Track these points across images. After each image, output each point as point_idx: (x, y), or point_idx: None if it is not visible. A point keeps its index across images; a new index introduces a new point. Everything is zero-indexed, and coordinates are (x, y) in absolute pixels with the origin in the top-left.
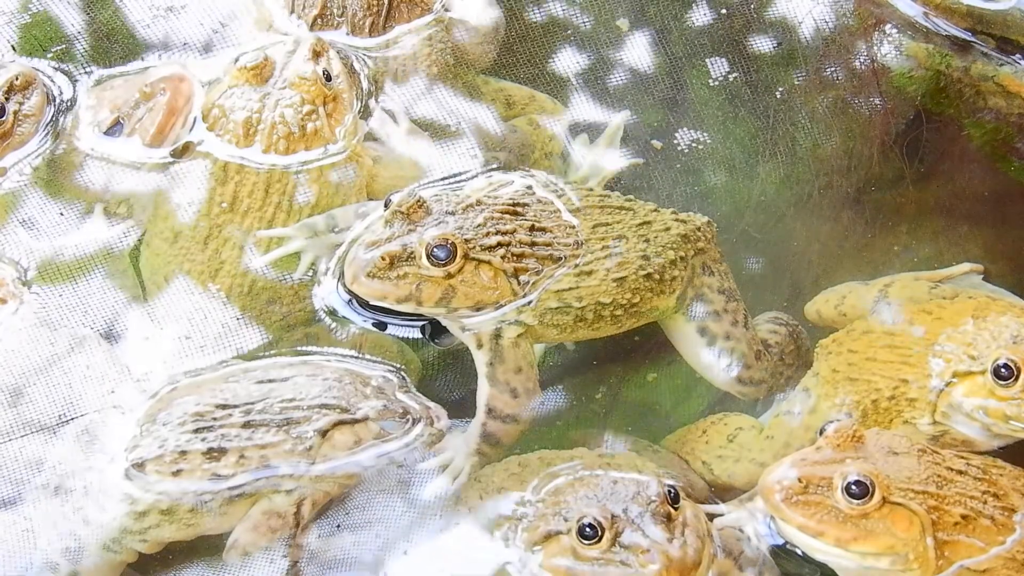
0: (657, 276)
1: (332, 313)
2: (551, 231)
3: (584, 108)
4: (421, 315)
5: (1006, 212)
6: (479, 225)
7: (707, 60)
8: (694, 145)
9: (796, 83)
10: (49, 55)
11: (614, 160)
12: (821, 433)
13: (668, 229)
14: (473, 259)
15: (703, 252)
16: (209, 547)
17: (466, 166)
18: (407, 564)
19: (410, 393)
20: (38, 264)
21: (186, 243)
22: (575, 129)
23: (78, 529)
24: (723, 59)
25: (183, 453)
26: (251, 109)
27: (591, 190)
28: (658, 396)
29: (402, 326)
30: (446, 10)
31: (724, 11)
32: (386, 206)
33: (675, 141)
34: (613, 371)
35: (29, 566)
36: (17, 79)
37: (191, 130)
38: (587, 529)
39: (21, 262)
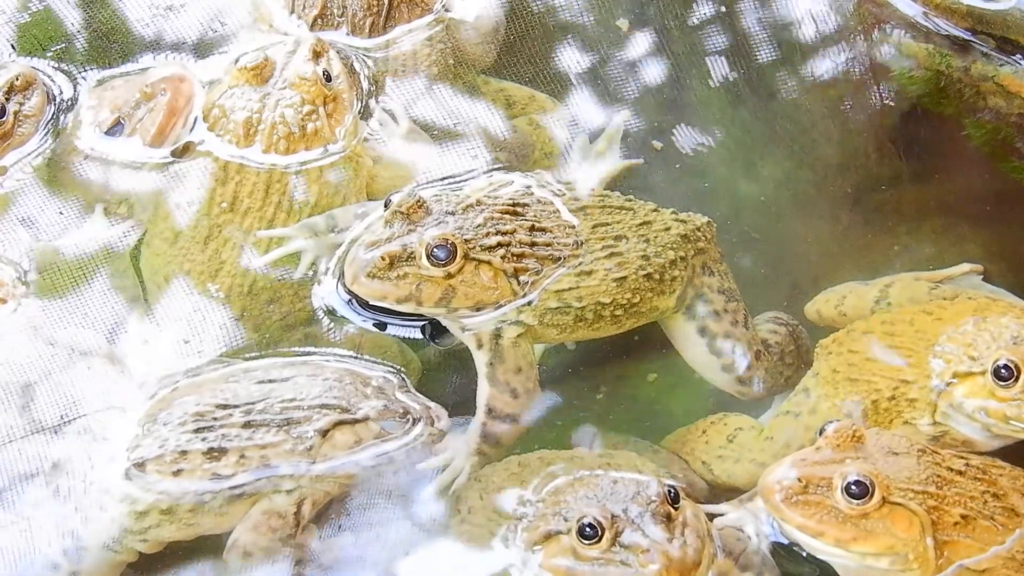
0: (657, 276)
1: (332, 313)
2: (551, 231)
3: (584, 108)
4: (421, 315)
5: (1006, 212)
6: (479, 225)
7: (707, 60)
8: (694, 145)
9: (796, 82)
10: (49, 54)
11: (614, 160)
12: (821, 433)
13: (668, 229)
14: (473, 259)
15: (703, 252)
16: (209, 547)
17: (466, 166)
18: (407, 565)
19: (410, 393)
20: (38, 264)
21: (186, 243)
22: (575, 129)
23: (78, 529)
24: (723, 59)
25: (183, 453)
26: (251, 109)
27: (591, 190)
28: (658, 396)
29: (402, 326)
30: (446, 10)
31: (724, 10)
32: (386, 206)
33: (675, 141)
34: (613, 371)
35: (29, 566)
36: (17, 79)
37: (191, 130)
38: (587, 529)
39: (21, 262)
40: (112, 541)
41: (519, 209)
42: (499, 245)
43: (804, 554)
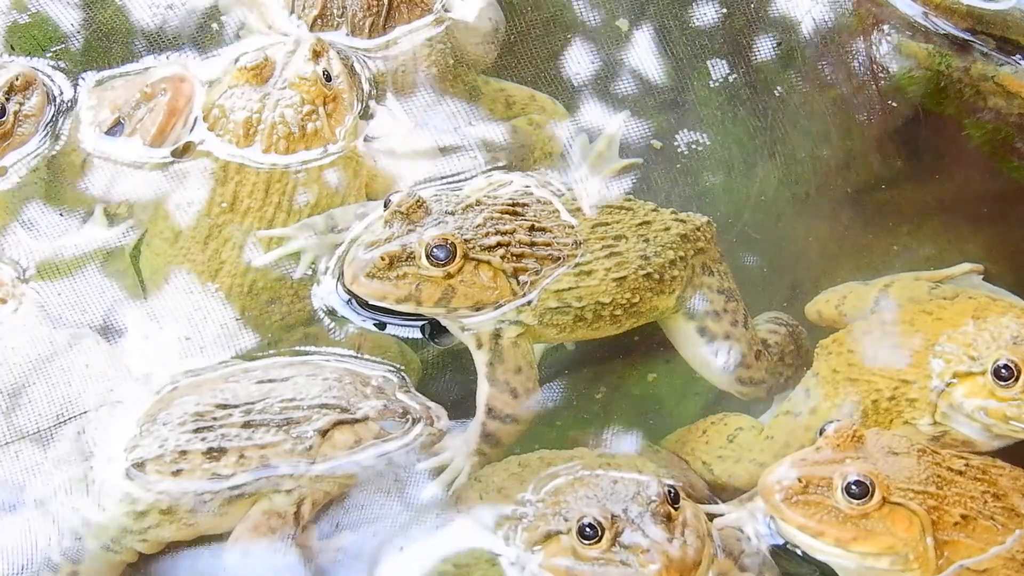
0: (657, 276)
1: (332, 313)
2: (550, 231)
3: (584, 108)
4: (421, 315)
5: (1006, 212)
6: (478, 225)
7: (707, 60)
8: (693, 145)
9: (795, 83)
10: (48, 55)
11: (613, 160)
12: (821, 433)
13: (668, 229)
14: (472, 259)
15: (703, 252)
16: (209, 547)
17: (466, 166)
18: (405, 564)
19: (410, 393)
20: (38, 264)
21: (186, 243)
22: (575, 129)
23: (78, 529)
24: (723, 59)
25: (183, 453)
26: (251, 109)
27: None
28: (658, 396)
29: (402, 326)
30: (446, 10)
31: (724, 10)
32: (386, 206)
33: (675, 141)
34: (613, 371)
35: (28, 566)
36: (17, 79)
37: (192, 130)
38: (587, 529)
39: (21, 262)
40: (112, 541)
41: (518, 209)
42: (499, 245)
43: (802, 554)
